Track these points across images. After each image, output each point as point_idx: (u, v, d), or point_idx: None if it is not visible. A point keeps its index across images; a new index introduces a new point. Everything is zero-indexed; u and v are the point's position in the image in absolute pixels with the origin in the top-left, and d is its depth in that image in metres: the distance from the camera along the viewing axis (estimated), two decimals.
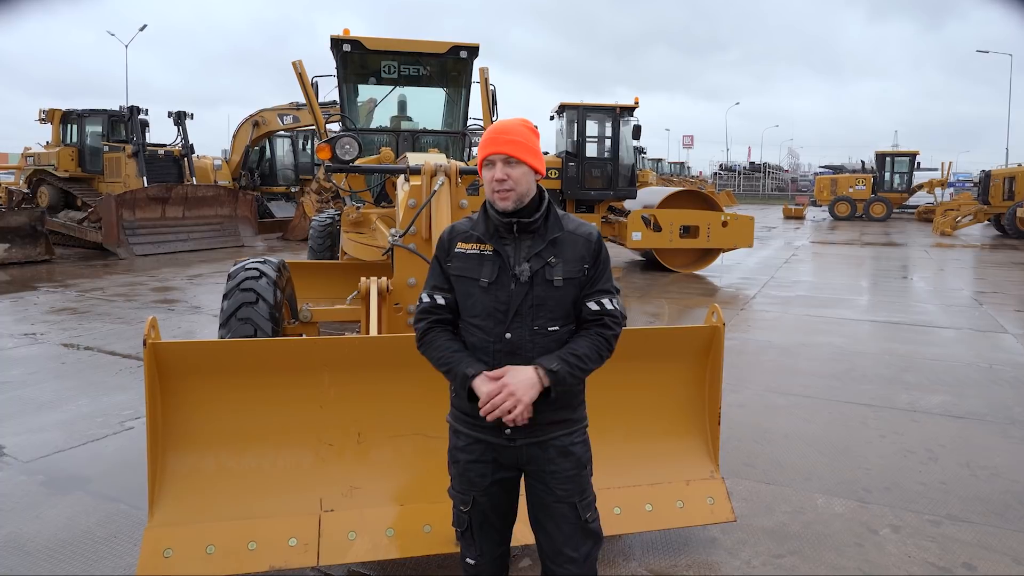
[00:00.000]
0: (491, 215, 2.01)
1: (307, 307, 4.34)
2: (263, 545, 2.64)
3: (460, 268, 2.02)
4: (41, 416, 4.73)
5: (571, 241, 2.01)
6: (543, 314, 1.96)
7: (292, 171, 20.90)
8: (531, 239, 1.99)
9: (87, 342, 6.83)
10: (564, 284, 1.97)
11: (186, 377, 2.73)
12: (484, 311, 1.97)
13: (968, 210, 22.72)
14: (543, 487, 2.02)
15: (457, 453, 2.08)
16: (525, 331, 1.95)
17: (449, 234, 2.09)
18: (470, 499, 2.05)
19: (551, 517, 2.02)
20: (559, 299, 1.97)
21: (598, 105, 12.98)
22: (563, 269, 1.97)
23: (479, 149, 2.03)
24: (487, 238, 2.00)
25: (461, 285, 2.02)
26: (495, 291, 1.96)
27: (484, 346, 1.97)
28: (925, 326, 8.04)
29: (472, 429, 2.03)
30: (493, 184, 1.96)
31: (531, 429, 1.97)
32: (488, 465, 2.03)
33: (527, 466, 2.03)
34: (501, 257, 1.98)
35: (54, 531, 3.21)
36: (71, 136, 17.33)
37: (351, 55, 6.90)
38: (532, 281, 1.95)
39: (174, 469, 2.73)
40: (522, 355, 1.95)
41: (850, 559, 3.06)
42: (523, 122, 2.04)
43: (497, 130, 2.00)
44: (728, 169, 62.00)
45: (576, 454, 2.04)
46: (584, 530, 2.03)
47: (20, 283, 10.56)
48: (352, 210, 6.33)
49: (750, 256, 14.83)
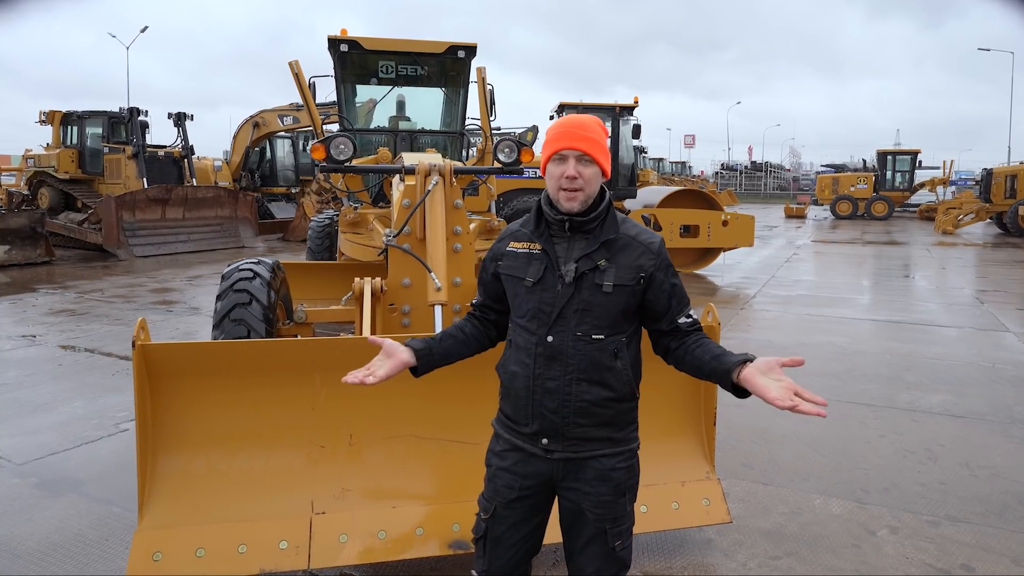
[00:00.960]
0: (545, 212, 1.91)
1: (301, 308, 4.32)
2: (253, 548, 2.62)
3: (509, 267, 1.95)
4: (36, 418, 4.72)
5: (629, 246, 1.88)
6: (588, 320, 1.84)
7: (292, 172, 20.91)
8: (584, 239, 1.87)
9: (85, 344, 6.82)
10: (614, 291, 1.84)
11: (176, 378, 2.71)
12: (529, 312, 1.88)
13: (970, 208, 22.65)
14: (574, 506, 1.92)
15: (492, 457, 2.01)
16: (568, 336, 1.84)
17: (502, 234, 2.02)
18: (492, 508, 1.97)
19: (579, 536, 1.93)
20: (607, 306, 1.85)
21: (598, 104, 12.97)
22: (615, 275, 1.84)
23: (547, 142, 1.88)
24: (537, 236, 1.91)
25: (510, 284, 1.95)
26: (540, 291, 1.87)
27: (528, 348, 1.88)
28: (926, 325, 8.01)
29: (511, 434, 1.95)
30: (562, 181, 1.82)
31: (568, 442, 1.88)
32: (516, 478, 1.93)
33: (562, 482, 1.92)
34: (549, 256, 1.88)
35: (46, 534, 3.19)
36: (71, 138, 17.35)
37: (349, 55, 6.87)
38: (579, 283, 1.84)
39: (164, 471, 2.71)
40: (563, 361, 1.85)
41: (847, 560, 3.03)
42: (596, 120, 1.93)
43: (573, 124, 1.87)
44: (730, 168, 61.93)
45: (616, 480, 1.90)
46: (611, 557, 1.92)
47: (20, 285, 10.56)
48: (349, 211, 6.31)
49: (751, 255, 14.79)
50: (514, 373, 1.91)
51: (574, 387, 1.85)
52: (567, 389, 1.86)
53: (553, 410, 1.86)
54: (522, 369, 1.89)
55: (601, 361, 1.86)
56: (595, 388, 1.86)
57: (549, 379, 1.86)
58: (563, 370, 1.85)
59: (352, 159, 4.80)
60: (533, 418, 1.89)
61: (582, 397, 1.86)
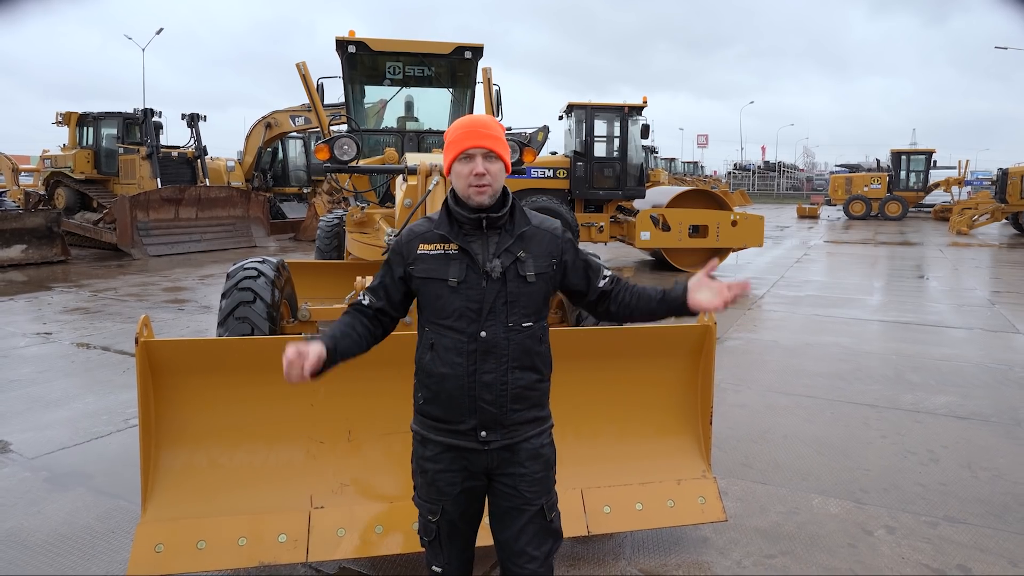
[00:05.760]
0: (455, 212, 1.96)
1: (306, 306, 4.38)
2: (253, 541, 2.68)
3: (425, 270, 1.96)
4: (48, 414, 4.82)
5: (538, 236, 2.00)
6: (517, 310, 1.94)
7: (304, 172, 21.08)
8: (499, 235, 1.96)
9: (97, 341, 6.93)
10: (537, 279, 1.96)
11: (178, 374, 2.77)
12: (455, 312, 1.92)
13: (985, 209, 22.38)
14: (512, 490, 1.99)
15: (425, 463, 2.02)
16: (500, 328, 1.92)
17: (408, 236, 2.02)
18: (439, 508, 2.02)
19: (518, 518, 1.99)
20: (532, 294, 1.96)
21: (606, 105, 12.95)
22: (534, 264, 1.96)
23: (451, 143, 1.96)
24: (452, 237, 1.95)
25: (427, 288, 1.96)
26: (465, 290, 1.92)
27: (458, 347, 1.92)
28: (935, 326, 7.95)
29: (444, 436, 1.98)
30: (471, 179, 1.90)
31: (506, 429, 1.96)
32: (457, 474, 1.99)
33: (496, 470, 2.00)
34: (469, 255, 1.93)
35: (54, 526, 3.27)
36: (87, 139, 17.61)
37: (356, 56, 6.94)
38: (505, 277, 1.93)
39: (167, 465, 2.78)
40: (496, 353, 1.92)
41: (842, 560, 3.04)
42: (492, 119, 2.04)
43: (474, 123, 1.96)
44: (742, 168, 61.58)
45: (545, 455, 2.04)
46: (547, 529, 2.02)
47: (36, 283, 10.74)
48: (356, 210, 6.38)
49: (761, 255, 14.72)
50: (443, 375, 1.93)
51: (509, 376, 1.95)
52: (503, 379, 1.94)
53: (490, 401, 1.93)
54: (452, 369, 1.93)
55: (531, 347, 1.97)
56: (527, 373, 1.98)
57: (485, 372, 1.93)
58: (498, 362, 1.93)
59: (358, 159, 4.86)
60: (470, 414, 1.94)
61: (516, 383, 1.96)
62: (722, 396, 5.06)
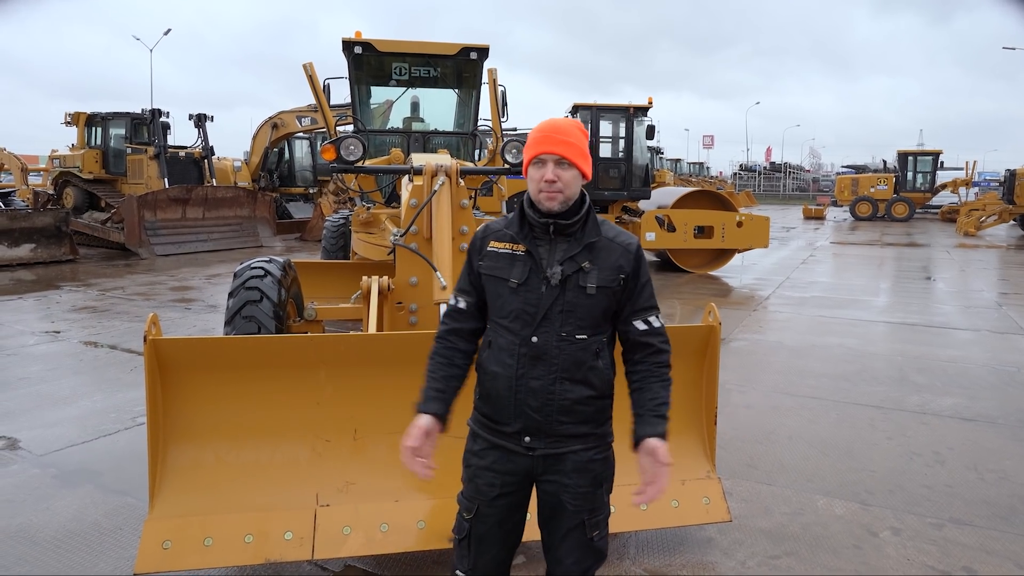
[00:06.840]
0: (528, 214, 1.94)
1: (312, 306, 4.41)
2: (259, 538, 2.69)
3: (491, 267, 1.96)
4: (56, 411, 4.85)
5: (609, 248, 1.94)
6: (572, 320, 1.89)
7: (310, 172, 21.15)
8: (567, 242, 1.91)
9: (105, 340, 6.98)
10: (597, 292, 1.90)
11: (186, 372, 2.80)
12: (513, 312, 1.91)
13: (992, 210, 22.28)
14: (553, 498, 1.96)
15: (471, 457, 2.02)
16: (552, 336, 1.88)
17: (483, 232, 2.02)
18: (474, 507, 1.99)
19: (558, 528, 1.97)
20: (590, 307, 1.90)
21: (611, 105, 12.95)
22: (597, 276, 1.90)
23: (528, 146, 1.94)
24: (521, 238, 1.93)
25: (491, 285, 1.96)
26: (524, 293, 1.90)
27: (510, 348, 1.91)
28: (942, 327, 7.92)
29: (491, 434, 1.97)
30: (542, 184, 1.87)
31: (551, 439, 1.92)
32: (498, 475, 1.96)
33: (541, 476, 1.96)
34: (533, 258, 1.91)
35: (63, 522, 3.30)
36: (95, 139, 17.68)
37: (363, 57, 6.97)
38: (564, 285, 1.89)
39: (174, 462, 2.80)
40: (547, 361, 1.89)
41: (847, 561, 3.04)
42: (576, 123, 1.97)
43: (551, 129, 1.92)
44: (748, 169, 61.42)
45: (594, 471, 1.97)
46: (587, 547, 1.98)
47: (45, 282, 10.81)
48: (362, 211, 6.40)
49: (767, 256, 14.69)
50: (495, 374, 1.93)
51: (557, 386, 1.90)
52: (550, 388, 1.90)
53: (536, 409, 1.90)
54: (504, 370, 1.92)
55: (584, 360, 1.91)
56: (578, 387, 1.91)
57: (533, 379, 1.90)
58: (547, 369, 1.89)
59: (364, 160, 4.88)
60: (516, 417, 1.93)
61: (565, 396, 1.90)
62: (727, 397, 5.06)
